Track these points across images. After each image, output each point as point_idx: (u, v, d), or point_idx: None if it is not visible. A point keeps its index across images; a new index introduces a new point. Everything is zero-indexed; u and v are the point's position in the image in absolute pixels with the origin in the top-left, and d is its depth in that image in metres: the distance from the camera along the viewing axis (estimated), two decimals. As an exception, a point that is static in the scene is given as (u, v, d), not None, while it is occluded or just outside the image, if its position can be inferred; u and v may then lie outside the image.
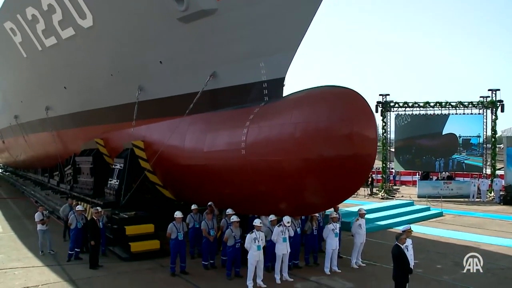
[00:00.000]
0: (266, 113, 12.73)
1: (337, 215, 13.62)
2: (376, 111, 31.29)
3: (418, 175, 35.49)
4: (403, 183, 40.09)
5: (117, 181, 17.78)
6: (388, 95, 31.32)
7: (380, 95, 31.29)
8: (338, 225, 13.21)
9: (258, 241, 11.34)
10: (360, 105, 11.08)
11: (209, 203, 14.18)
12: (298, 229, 13.06)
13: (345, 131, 10.73)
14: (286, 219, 11.83)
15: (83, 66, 19.54)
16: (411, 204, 24.50)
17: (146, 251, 14.70)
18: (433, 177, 33.36)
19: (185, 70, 15.63)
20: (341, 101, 11.18)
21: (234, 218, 12.31)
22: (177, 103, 16.03)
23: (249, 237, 11.42)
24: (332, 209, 14.53)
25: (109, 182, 18.40)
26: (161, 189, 17.92)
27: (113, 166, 18.60)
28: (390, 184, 37.23)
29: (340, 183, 11.10)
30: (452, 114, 30.77)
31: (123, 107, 18.78)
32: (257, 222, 11.55)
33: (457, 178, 33.55)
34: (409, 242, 10.48)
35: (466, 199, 29.72)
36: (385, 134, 31.98)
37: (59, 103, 23.20)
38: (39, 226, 15.36)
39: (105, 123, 20.75)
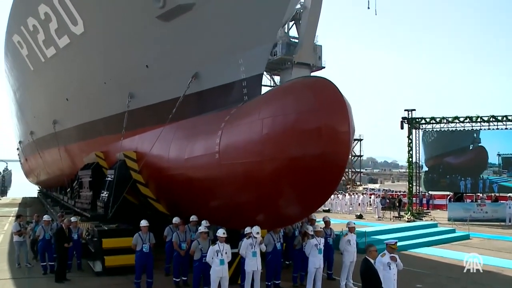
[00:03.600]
0: (240, 113, 11.53)
1: (322, 229, 11.97)
2: (402, 128, 29.30)
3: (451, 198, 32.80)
4: (437, 207, 37.31)
5: (107, 193, 16.96)
6: (414, 110, 29.26)
7: (405, 110, 29.28)
8: (322, 241, 11.56)
9: (222, 255, 9.95)
10: (330, 93, 9.59)
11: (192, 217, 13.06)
12: (278, 244, 11.51)
13: (312, 123, 9.28)
14: (255, 229, 10.39)
15: (80, 76, 19.08)
16: (435, 225, 22.32)
17: (122, 266, 13.52)
18: (467, 199, 30.68)
19: (171, 73, 14.76)
20: (308, 91, 9.77)
21: (201, 229, 11.02)
22: (167, 109, 15.13)
23: (211, 249, 10.06)
24: (322, 222, 12.98)
25: (101, 194, 17.60)
26: (154, 202, 16.85)
27: (106, 178, 17.81)
28: (423, 208, 34.88)
29: (306, 186, 9.62)
30: (484, 129, 28.23)
31: (120, 116, 18.06)
32: (220, 232, 10.18)
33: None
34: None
35: (503, 223, 26.97)
36: (411, 152, 29.82)
37: (64, 116, 22.84)
38: (15, 238, 14.57)
39: (105, 134, 20.08)
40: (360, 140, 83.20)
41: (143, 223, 11.85)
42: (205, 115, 13.72)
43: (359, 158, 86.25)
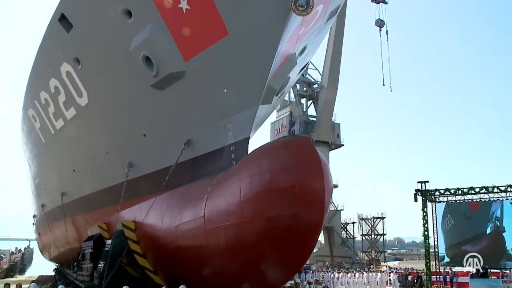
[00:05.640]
0: (224, 176, 11.41)
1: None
2: (415, 200, 28.38)
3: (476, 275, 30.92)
4: (461, 285, 35.07)
5: (103, 263, 16.67)
6: (428, 182, 28.45)
7: (418, 182, 28.49)
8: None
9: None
10: (305, 151, 9.41)
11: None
12: (265, 314, 10.87)
13: (286, 181, 9.03)
14: None
15: (84, 146, 19.48)
16: (452, 303, 20.84)
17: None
18: (492, 276, 28.83)
19: (166, 140, 14.95)
20: (283, 149, 9.66)
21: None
22: (163, 178, 15.14)
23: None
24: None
25: (98, 265, 17.32)
26: (151, 274, 16.38)
27: (104, 249, 17.61)
28: (446, 286, 32.92)
29: (283, 246, 9.18)
30: (500, 199, 27.02)
31: (121, 186, 18.12)
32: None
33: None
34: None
35: (531, 302, 24.99)
36: (426, 226, 28.62)
37: (71, 188, 23.05)
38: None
39: (107, 205, 20.06)
40: (383, 218, 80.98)
41: (126, 291, 11.42)
42: (196, 181, 13.66)
43: (382, 236, 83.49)
